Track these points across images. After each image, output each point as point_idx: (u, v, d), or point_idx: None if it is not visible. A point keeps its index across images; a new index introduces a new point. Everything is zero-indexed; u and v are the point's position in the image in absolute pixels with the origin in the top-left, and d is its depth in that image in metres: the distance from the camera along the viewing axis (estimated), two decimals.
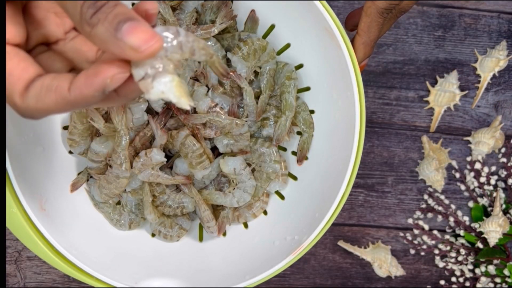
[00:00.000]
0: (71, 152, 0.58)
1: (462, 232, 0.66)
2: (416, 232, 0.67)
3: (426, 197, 0.67)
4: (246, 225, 0.60)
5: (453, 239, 0.67)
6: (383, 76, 0.67)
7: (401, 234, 0.67)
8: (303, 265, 0.67)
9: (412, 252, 0.67)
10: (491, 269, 0.66)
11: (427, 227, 0.67)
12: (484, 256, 0.65)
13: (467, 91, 0.67)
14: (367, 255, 0.66)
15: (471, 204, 0.67)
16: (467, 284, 0.66)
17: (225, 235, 0.59)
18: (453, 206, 0.67)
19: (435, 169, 0.65)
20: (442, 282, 0.67)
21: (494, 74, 0.67)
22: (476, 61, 0.67)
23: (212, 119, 0.55)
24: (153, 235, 0.59)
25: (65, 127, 0.57)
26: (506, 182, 0.67)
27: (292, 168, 0.60)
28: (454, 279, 0.66)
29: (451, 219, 0.66)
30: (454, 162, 0.67)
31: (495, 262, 0.66)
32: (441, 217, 0.67)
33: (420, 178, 0.67)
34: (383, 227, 0.67)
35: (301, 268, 0.67)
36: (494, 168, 0.67)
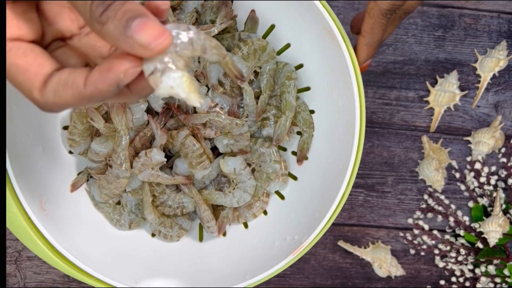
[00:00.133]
0: (71, 152, 0.58)
1: (462, 232, 0.66)
2: (416, 232, 0.67)
3: (426, 197, 0.67)
4: (246, 225, 0.60)
5: (453, 239, 0.67)
6: (383, 76, 0.67)
7: (401, 234, 0.67)
8: (303, 265, 0.67)
9: (412, 252, 0.67)
10: (491, 269, 0.66)
11: (427, 227, 0.67)
12: (484, 256, 0.65)
13: (467, 91, 0.67)
14: (367, 255, 0.66)
15: (471, 204, 0.67)
16: (467, 284, 0.66)
17: (225, 235, 0.59)
18: (453, 206, 0.67)
19: (435, 169, 0.65)
20: (442, 282, 0.67)
21: (494, 74, 0.67)
22: (476, 61, 0.67)
23: (212, 119, 0.55)
24: (153, 235, 0.59)
25: (65, 127, 0.57)
26: (506, 182, 0.67)
27: (292, 168, 0.60)
28: (454, 279, 0.66)
29: (451, 219, 0.66)
30: (454, 162, 0.67)
31: (495, 262, 0.66)
32: (441, 217, 0.67)
33: (420, 178, 0.67)
34: (383, 227, 0.67)
35: (301, 268, 0.67)
36: (494, 168, 0.67)
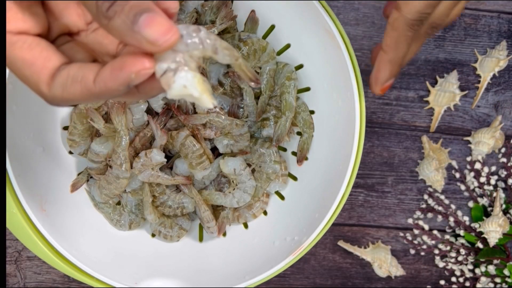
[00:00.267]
0: (71, 153, 0.58)
1: (462, 232, 0.66)
2: (416, 232, 0.67)
3: (426, 197, 0.67)
4: (246, 226, 0.60)
5: (453, 239, 0.67)
6: None
7: (401, 234, 0.67)
8: (303, 265, 0.67)
9: (412, 252, 0.67)
10: (491, 269, 0.66)
11: (427, 227, 0.67)
12: (484, 256, 0.65)
13: (467, 91, 0.67)
14: (367, 255, 0.66)
15: (471, 204, 0.67)
16: (467, 284, 0.66)
17: (225, 236, 0.59)
18: (453, 206, 0.67)
19: (435, 169, 0.65)
20: (442, 282, 0.67)
21: (494, 74, 0.67)
22: (476, 61, 0.67)
23: (212, 119, 0.55)
24: (153, 235, 0.59)
25: (65, 128, 0.57)
26: (506, 182, 0.67)
27: (292, 168, 0.60)
28: (454, 279, 0.66)
29: (451, 219, 0.66)
30: (454, 162, 0.67)
31: (495, 262, 0.66)
32: (441, 217, 0.67)
33: (420, 178, 0.67)
34: (383, 227, 0.67)
35: (301, 268, 0.67)
36: (494, 168, 0.67)
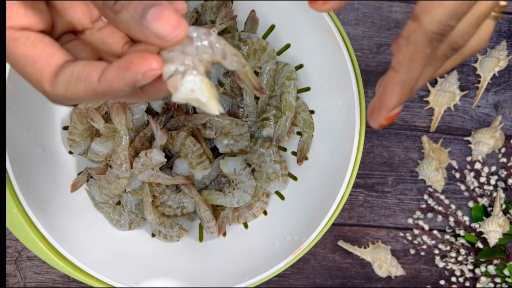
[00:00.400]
0: (71, 152, 0.58)
1: (462, 232, 0.66)
2: (416, 232, 0.67)
3: (426, 197, 0.67)
4: (246, 225, 0.60)
5: (453, 239, 0.67)
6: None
7: (401, 234, 0.67)
8: (303, 265, 0.67)
9: (412, 252, 0.67)
10: (491, 269, 0.66)
11: (427, 227, 0.67)
12: (484, 256, 0.65)
13: (467, 91, 0.67)
14: (367, 255, 0.66)
15: (471, 204, 0.67)
16: (467, 284, 0.66)
17: (225, 235, 0.59)
18: (453, 206, 0.67)
19: (435, 169, 0.65)
20: (442, 282, 0.67)
21: (494, 74, 0.67)
22: (476, 61, 0.67)
23: (212, 119, 0.55)
24: (153, 235, 0.59)
25: (65, 127, 0.57)
26: (506, 182, 0.67)
27: (292, 168, 0.60)
28: (454, 279, 0.66)
29: (451, 219, 0.66)
30: (454, 162, 0.67)
31: (495, 262, 0.66)
32: (441, 217, 0.67)
33: (420, 178, 0.67)
34: (383, 227, 0.67)
35: (301, 268, 0.67)
36: (494, 168, 0.67)
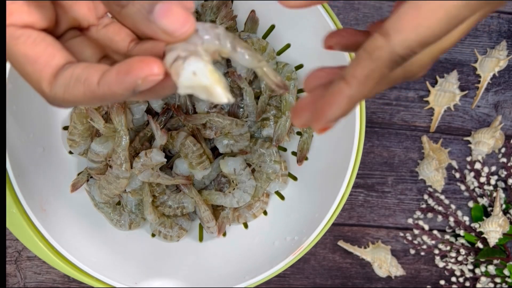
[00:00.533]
0: (71, 153, 0.58)
1: (462, 232, 0.66)
2: (416, 232, 0.67)
3: (426, 197, 0.67)
4: (246, 225, 0.60)
5: (453, 239, 0.67)
6: None
7: (401, 234, 0.67)
8: (303, 265, 0.67)
9: (412, 252, 0.67)
10: (491, 269, 0.66)
11: (427, 227, 0.67)
12: (484, 256, 0.65)
13: (467, 91, 0.67)
14: (367, 255, 0.66)
15: (471, 204, 0.67)
16: (467, 284, 0.66)
17: (225, 235, 0.59)
18: (453, 206, 0.67)
19: (435, 169, 0.65)
20: (442, 282, 0.67)
21: (494, 74, 0.67)
22: (476, 61, 0.67)
23: (212, 119, 0.55)
24: (153, 235, 0.59)
25: (65, 128, 0.57)
26: (506, 182, 0.67)
27: (292, 168, 0.60)
28: (454, 279, 0.66)
29: (451, 219, 0.66)
30: (454, 162, 0.67)
31: (495, 262, 0.66)
32: (441, 217, 0.67)
33: (420, 178, 0.67)
34: (383, 227, 0.67)
35: (301, 268, 0.67)
36: (494, 168, 0.67)
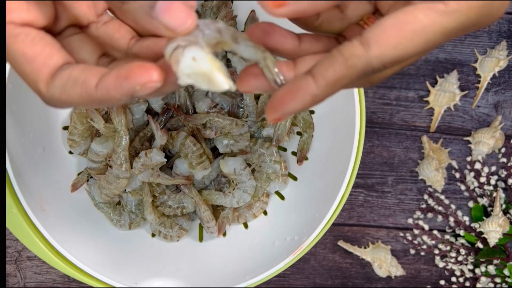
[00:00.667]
0: (71, 153, 0.58)
1: (462, 232, 0.66)
2: (416, 232, 0.67)
3: (426, 197, 0.67)
4: (246, 225, 0.60)
5: (453, 239, 0.67)
6: None
7: (401, 234, 0.67)
8: (303, 265, 0.67)
9: (412, 252, 0.67)
10: (491, 269, 0.66)
11: (427, 227, 0.67)
12: (484, 256, 0.65)
13: (467, 91, 0.67)
14: (367, 255, 0.66)
15: (471, 204, 0.67)
16: (467, 284, 0.66)
17: (225, 235, 0.59)
18: (453, 206, 0.67)
19: (435, 169, 0.65)
20: (442, 282, 0.67)
21: (494, 74, 0.67)
22: (476, 61, 0.67)
23: (212, 119, 0.55)
24: (153, 235, 0.59)
25: (65, 128, 0.57)
26: (506, 182, 0.67)
27: (292, 168, 0.60)
28: (454, 279, 0.66)
29: (451, 219, 0.66)
30: (454, 162, 0.67)
31: (495, 262, 0.66)
32: (441, 217, 0.67)
33: (420, 178, 0.67)
34: (383, 227, 0.67)
35: (301, 268, 0.67)
36: (494, 168, 0.67)
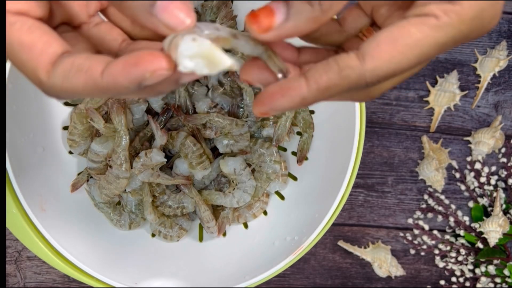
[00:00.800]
0: (71, 153, 0.58)
1: (462, 232, 0.66)
2: (416, 232, 0.67)
3: (426, 197, 0.67)
4: (246, 225, 0.60)
5: (453, 239, 0.67)
6: None
7: (401, 234, 0.67)
8: (303, 265, 0.67)
9: (412, 252, 0.67)
10: (491, 269, 0.66)
11: (427, 227, 0.67)
12: (484, 256, 0.65)
13: (467, 91, 0.67)
14: (367, 255, 0.66)
15: (471, 204, 0.67)
16: (467, 284, 0.66)
17: (225, 235, 0.59)
18: (453, 206, 0.67)
19: (435, 169, 0.65)
20: (442, 282, 0.67)
21: (494, 74, 0.67)
22: (476, 61, 0.67)
23: (212, 119, 0.55)
24: (153, 235, 0.59)
25: (65, 128, 0.57)
26: (506, 182, 0.67)
27: (292, 168, 0.60)
28: (454, 279, 0.66)
29: (451, 219, 0.66)
30: (454, 162, 0.67)
31: (495, 262, 0.66)
32: (441, 217, 0.67)
33: (420, 178, 0.67)
34: (383, 227, 0.67)
35: (301, 268, 0.67)
36: (494, 168, 0.67)
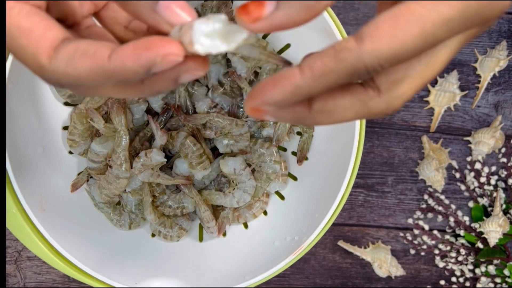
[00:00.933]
0: (71, 153, 0.58)
1: (462, 232, 0.66)
2: (416, 232, 0.67)
3: (426, 197, 0.67)
4: (246, 226, 0.60)
5: (453, 239, 0.67)
6: None
7: (401, 234, 0.67)
8: (303, 265, 0.67)
9: (412, 252, 0.67)
10: (491, 269, 0.66)
11: (427, 227, 0.67)
12: (484, 256, 0.65)
13: (467, 91, 0.67)
14: (367, 255, 0.66)
15: (471, 204, 0.67)
16: (467, 284, 0.66)
17: (225, 235, 0.59)
18: (453, 206, 0.67)
19: (435, 169, 0.65)
20: (442, 282, 0.67)
21: (494, 74, 0.67)
22: (476, 61, 0.67)
23: (212, 119, 0.55)
24: (153, 235, 0.59)
25: (65, 128, 0.57)
26: (506, 182, 0.67)
27: (292, 168, 0.60)
28: (454, 279, 0.66)
29: (451, 219, 0.66)
30: (454, 162, 0.67)
31: (495, 262, 0.66)
32: (441, 217, 0.67)
33: (420, 178, 0.67)
34: (383, 227, 0.67)
35: (301, 268, 0.67)
36: (494, 168, 0.67)
